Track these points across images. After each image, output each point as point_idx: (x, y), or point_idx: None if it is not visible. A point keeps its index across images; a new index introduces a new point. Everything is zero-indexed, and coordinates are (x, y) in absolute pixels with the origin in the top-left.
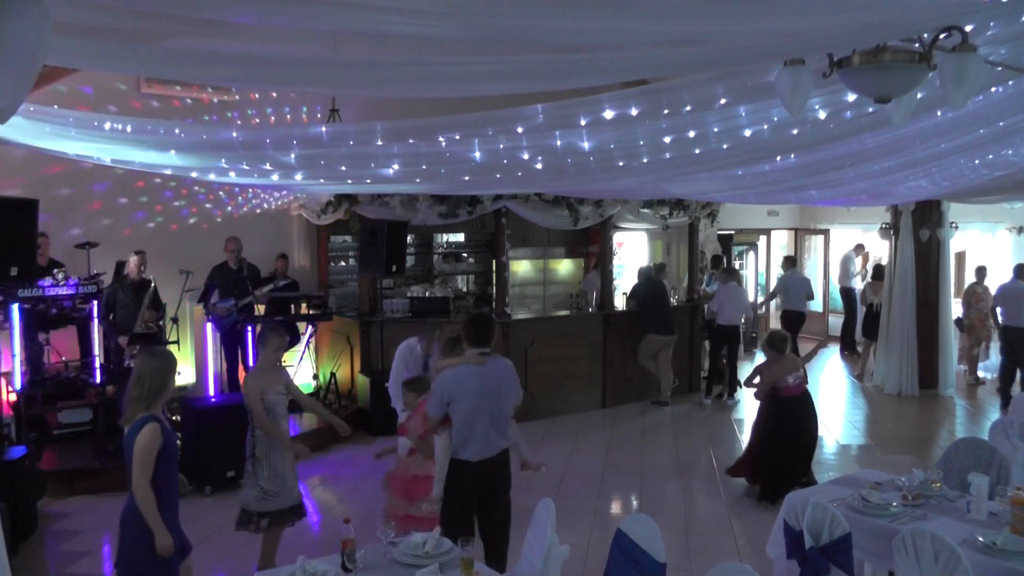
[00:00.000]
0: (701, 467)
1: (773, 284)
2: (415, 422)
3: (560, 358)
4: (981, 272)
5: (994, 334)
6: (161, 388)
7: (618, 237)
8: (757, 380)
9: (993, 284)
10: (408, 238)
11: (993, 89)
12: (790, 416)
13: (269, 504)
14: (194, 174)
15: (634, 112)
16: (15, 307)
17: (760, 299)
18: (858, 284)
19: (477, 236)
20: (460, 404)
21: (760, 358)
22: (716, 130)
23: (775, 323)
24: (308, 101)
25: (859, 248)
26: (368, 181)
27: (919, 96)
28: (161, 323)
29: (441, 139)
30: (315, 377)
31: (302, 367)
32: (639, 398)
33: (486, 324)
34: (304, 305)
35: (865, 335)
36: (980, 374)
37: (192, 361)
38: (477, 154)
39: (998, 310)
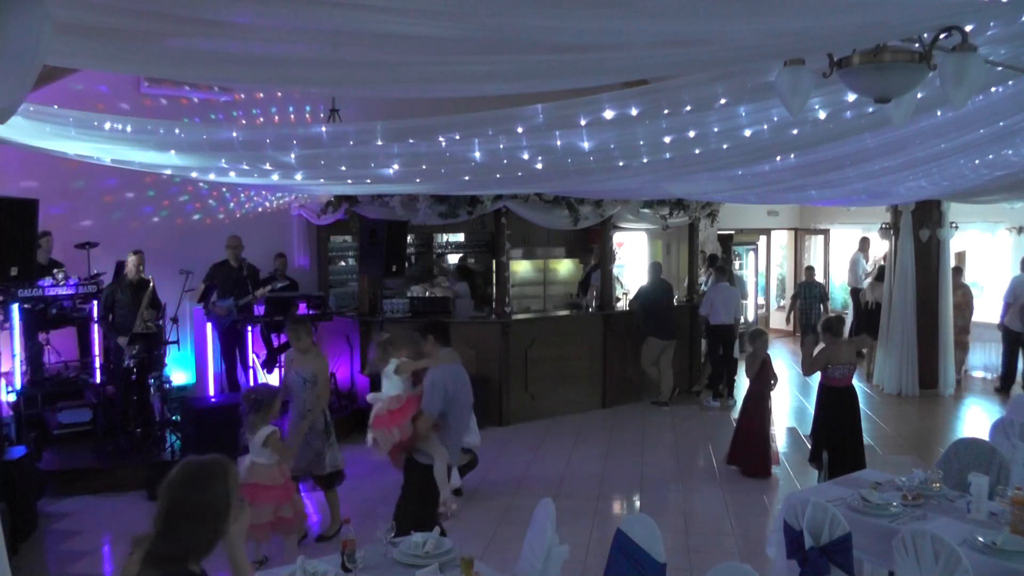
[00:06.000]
0: (701, 467)
1: (776, 285)
2: (399, 428)
3: (560, 358)
4: (956, 271)
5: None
6: None
7: (618, 237)
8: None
9: (990, 283)
10: (408, 238)
11: (993, 89)
12: (841, 406)
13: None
14: (194, 174)
15: (634, 112)
16: (15, 307)
17: (760, 300)
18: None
19: (477, 236)
20: (462, 399)
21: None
22: (716, 130)
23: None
24: (309, 101)
25: (864, 243)
26: (368, 181)
27: (919, 96)
28: (160, 323)
29: (441, 139)
30: None
31: None
32: (639, 398)
33: (448, 326)
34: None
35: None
36: (976, 373)
37: (192, 361)
38: (477, 154)
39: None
